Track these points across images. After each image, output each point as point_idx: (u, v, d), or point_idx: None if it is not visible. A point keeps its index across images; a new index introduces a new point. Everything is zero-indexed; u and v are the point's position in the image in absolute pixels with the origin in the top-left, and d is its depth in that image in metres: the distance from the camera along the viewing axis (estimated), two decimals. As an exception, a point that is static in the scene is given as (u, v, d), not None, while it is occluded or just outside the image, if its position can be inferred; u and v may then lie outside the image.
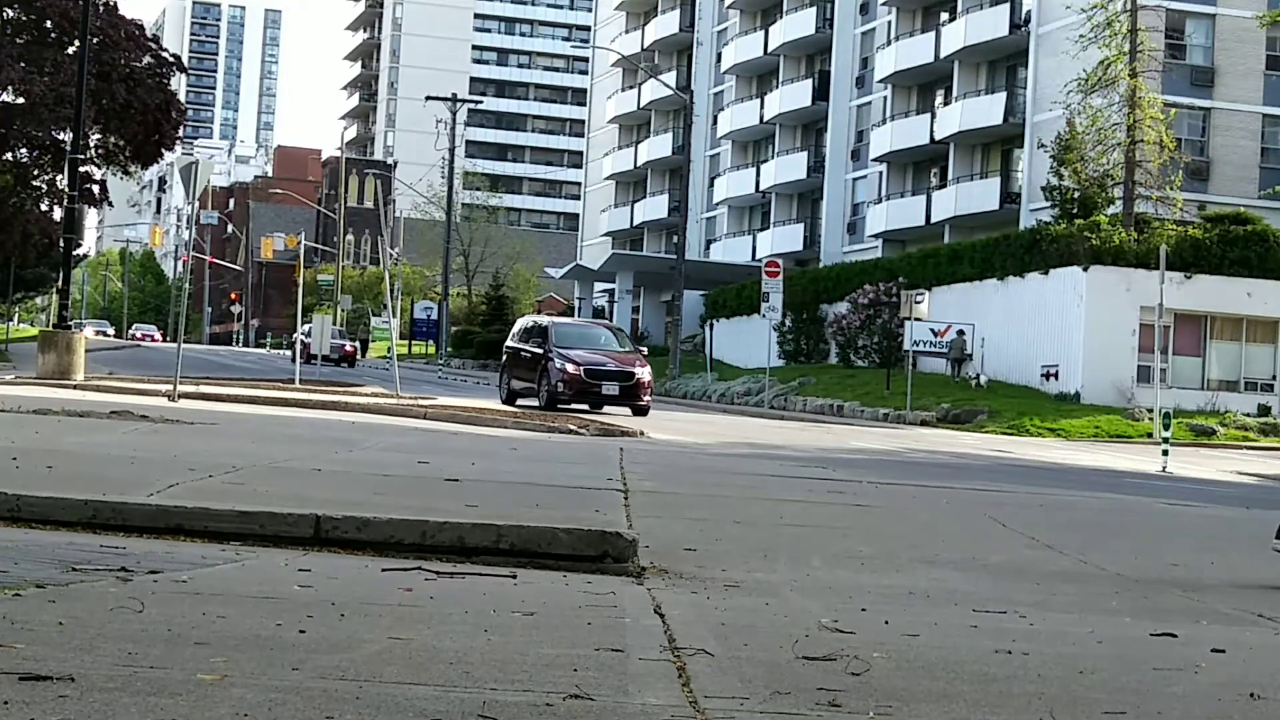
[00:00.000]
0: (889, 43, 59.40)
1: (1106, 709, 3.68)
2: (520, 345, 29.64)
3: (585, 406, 27.37)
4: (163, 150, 42.16)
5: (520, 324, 31.82)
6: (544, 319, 33.00)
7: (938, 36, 56.47)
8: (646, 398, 27.75)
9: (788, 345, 51.85)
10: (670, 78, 75.37)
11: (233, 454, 10.53)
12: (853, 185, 63.82)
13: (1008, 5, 52.50)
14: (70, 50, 38.97)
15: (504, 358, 30.78)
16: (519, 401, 28.59)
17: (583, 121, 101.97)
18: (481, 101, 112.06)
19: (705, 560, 6.63)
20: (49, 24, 40.45)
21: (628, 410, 27.31)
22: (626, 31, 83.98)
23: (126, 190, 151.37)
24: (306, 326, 65.50)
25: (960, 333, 40.28)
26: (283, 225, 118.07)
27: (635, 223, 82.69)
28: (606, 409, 27.53)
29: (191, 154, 62.94)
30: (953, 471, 17.38)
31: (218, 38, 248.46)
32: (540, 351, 28.20)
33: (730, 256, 69.85)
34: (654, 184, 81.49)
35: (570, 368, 27.17)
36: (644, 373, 27.56)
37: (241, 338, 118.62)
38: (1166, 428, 23.68)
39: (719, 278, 62.75)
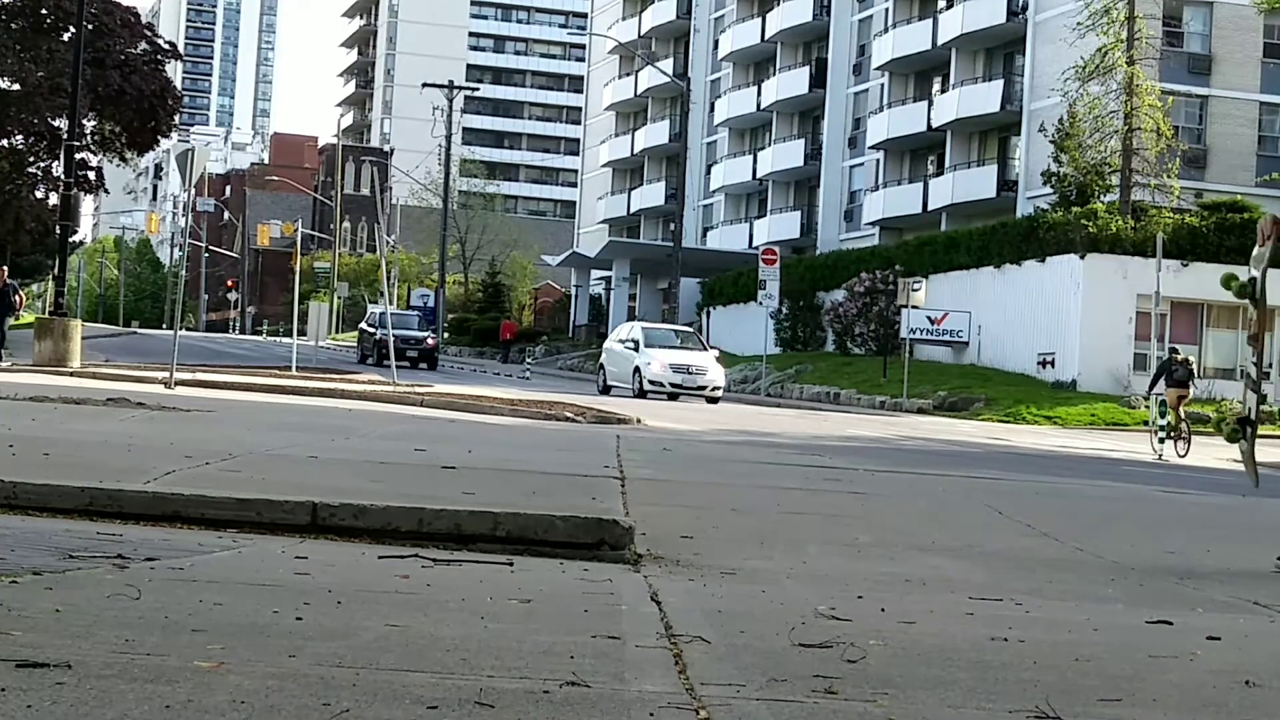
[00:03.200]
0: (886, 30, 59.32)
1: (1102, 696, 3.69)
2: None
3: None
4: (159, 137, 42.15)
5: None
6: None
7: (935, 24, 56.39)
8: None
9: (784, 333, 51.86)
10: (667, 65, 75.26)
11: (229, 441, 10.53)
12: (850, 173, 63.78)
13: (1005, -8, 52.46)
14: (65, 37, 38.91)
15: None
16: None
17: (580, 109, 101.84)
18: (478, 88, 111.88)
19: (702, 548, 6.63)
20: (44, 10, 40.39)
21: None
22: (624, 18, 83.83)
23: (123, 177, 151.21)
24: (376, 310, 54.53)
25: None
26: (279, 212, 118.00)
27: (632, 210, 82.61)
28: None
29: (188, 141, 62.98)
30: (949, 459, 17.40)
31: (214, 24, 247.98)
32: None
33: (727, 244, 69.83)
34: (651, 171, 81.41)
35: None
36: None
37: (238, 325, 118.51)
38: (1163, 415, 23.70)
39: (716, 265, 62.75)
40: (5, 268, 32.82)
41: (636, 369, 33.01)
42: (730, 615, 4.68)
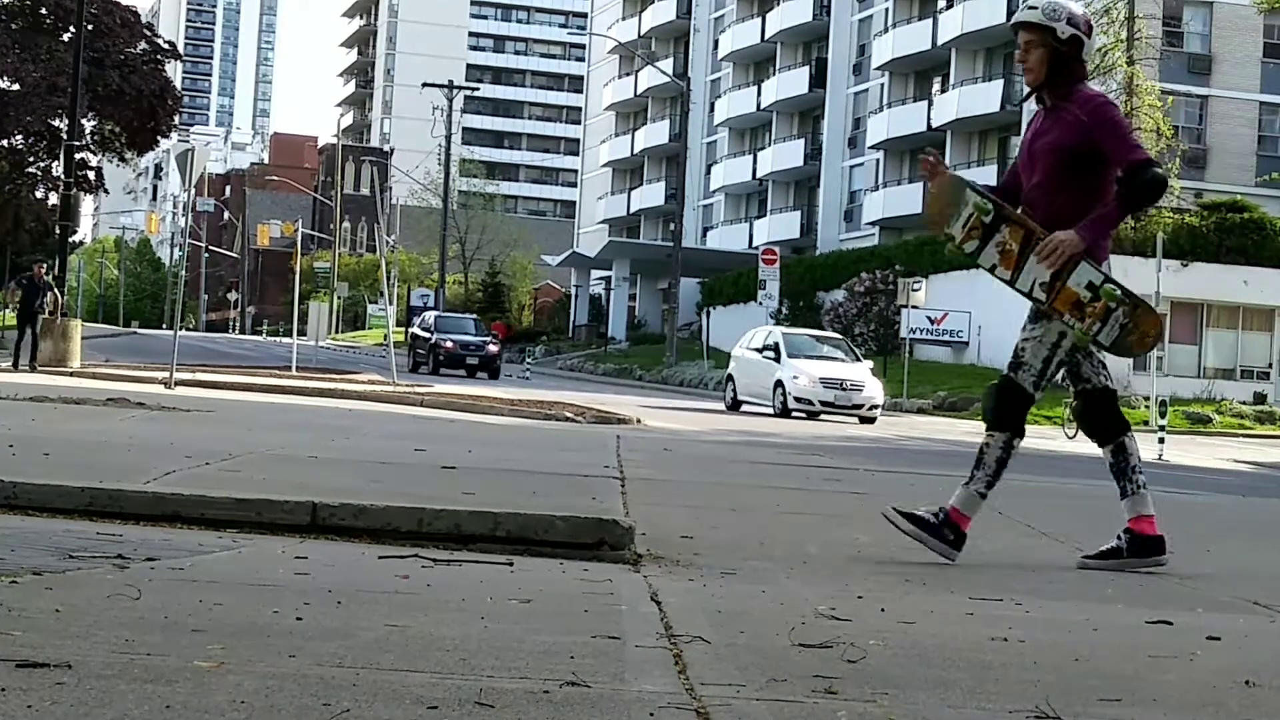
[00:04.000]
0: (886, 30, 59.32)
1: (1102, 696, 3.69)
2: None
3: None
4: (159, 137, 42.22)
5: None
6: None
7: (935, 24, 56.39)
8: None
9: (784, 333, 51.82)
10: (667, 65, 75.26)
11: (229, 441, 10.53)
12: (850, 173, 63.76)
13: (1005, -8, 52.50)
14: (65, 37, 38.96)
15: None
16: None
17: (580, 109, 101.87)
18: (478, 88, 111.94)
19: (702, 548, 6.64)
20: (44, 10, 40.45)
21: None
22: (623, 18, 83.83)
23: (123, 177, 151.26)
24: (431, 314, 48.00)
25: None
26: (279, 212, 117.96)
27: (632, 210, 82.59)
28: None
29: (188, 141, 62.98)
30: (949, 459, 17.40)
31: (214, 24, 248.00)
32: None
33: (727, 244, 69.82)
34: (651, 171, 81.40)
35: None
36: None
37: (238, 325, 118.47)
38: (1163, 415, 23.76)
39: (716, 265, 62.76)
40: (45, 264, 30.65)
41: (779, 383, 28.56)
42: (730, 615, 4.68)
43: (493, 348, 43.48)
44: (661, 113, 78.08)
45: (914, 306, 38.93)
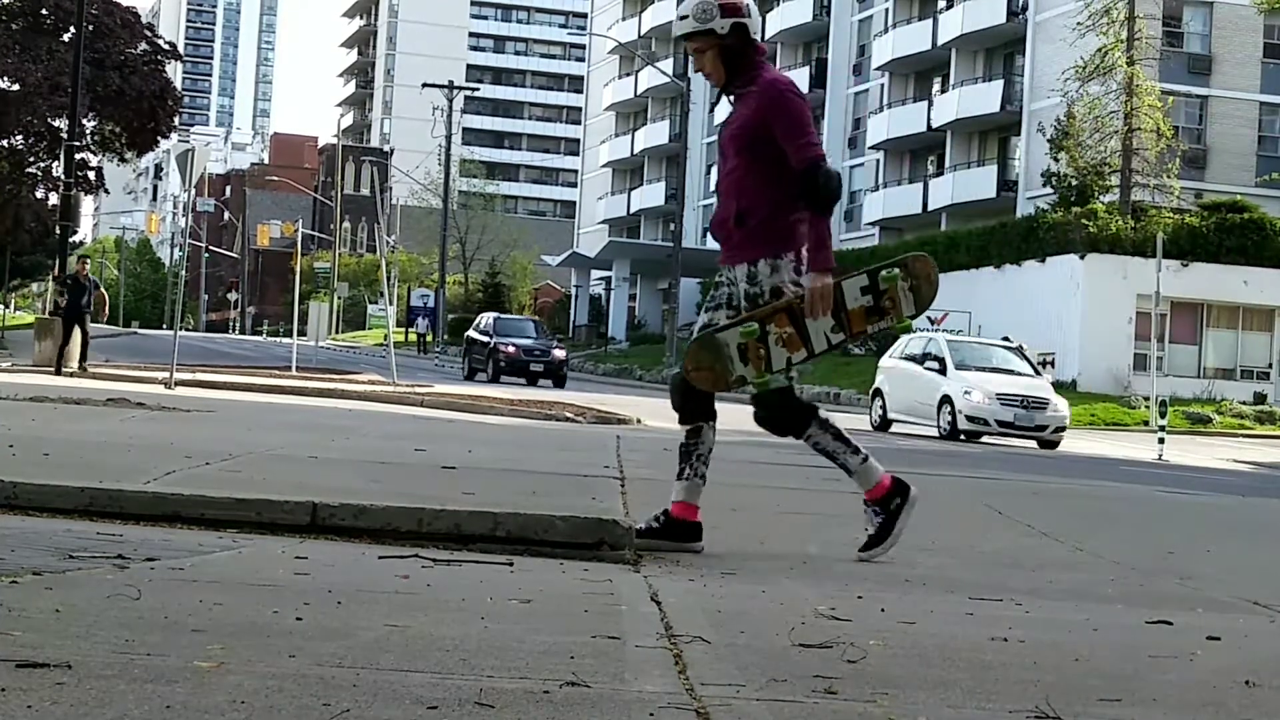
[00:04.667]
0: (886, 30, 59.33)
1: (1102, 696, 3.69)
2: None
3: None
4: (159, 137, 42.21)
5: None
6: None
7: (935, 24, 56.39)
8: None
9: (784, 333, 51.91)
10: (667, 65, 75.26)
11: (229, 441, 10.53)
12: (850, 173, 63.77)
13: (1005, -8, 52.54)
14: (65, 37, 38.97)
15: None
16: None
17: (580, 109, 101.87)
18: (478, 89, 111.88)
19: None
20: (44, 10, 40.46)
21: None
22: (623, 18, 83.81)
23: (123, 177, 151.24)
24: (489, 316, 43.65)
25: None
26: (279, 212, 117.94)
27: (632, 210, 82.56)
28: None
29: (188, 141, 62.95)
30: (949, 459, 17.41)
31: (214, 24, 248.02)
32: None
33: (727, 244, 69.68)
34: (651, 171, 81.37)
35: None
36: None
37: (238, 325, 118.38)
38: (1163, 415, 23.75)
39: (716, 265, 62.70)
40: (87, 261, 29.68)
41: (945, 399, 24.53)
42: (730, 615, 4.68)
43: (559, 353, 39.62)
44: (661, 113, 78.06)
45: (914, 306, 38.94)
